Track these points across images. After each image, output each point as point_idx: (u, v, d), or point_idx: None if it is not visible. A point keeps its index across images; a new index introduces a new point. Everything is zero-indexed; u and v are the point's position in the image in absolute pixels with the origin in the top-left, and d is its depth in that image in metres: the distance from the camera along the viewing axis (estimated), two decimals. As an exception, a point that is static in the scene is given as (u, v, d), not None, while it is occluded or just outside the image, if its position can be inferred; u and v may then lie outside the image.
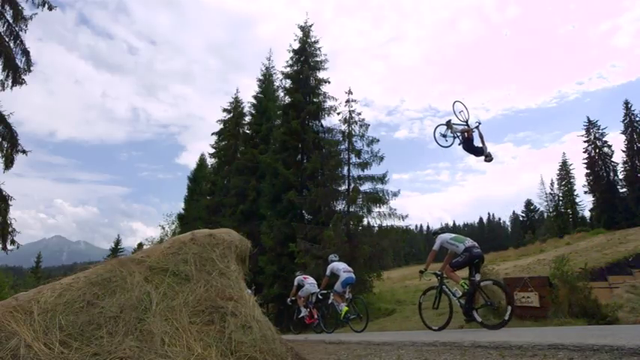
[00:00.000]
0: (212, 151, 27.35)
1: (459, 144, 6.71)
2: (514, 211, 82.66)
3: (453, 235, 5.95)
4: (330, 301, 8.47)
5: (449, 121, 6.74)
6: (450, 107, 6.90)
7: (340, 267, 8.33)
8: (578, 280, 7.89)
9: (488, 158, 6.59)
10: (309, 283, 9.47)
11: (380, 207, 17.33)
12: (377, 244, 16.24)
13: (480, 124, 6.66)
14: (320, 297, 8.94)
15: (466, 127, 6.73)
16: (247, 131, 25.56)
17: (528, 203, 59.52)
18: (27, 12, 13.32)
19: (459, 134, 6.68)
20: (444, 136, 6.73)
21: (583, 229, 38.54)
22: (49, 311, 2.90)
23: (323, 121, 20.30)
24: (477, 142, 6.64)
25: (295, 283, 9.68)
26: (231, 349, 3.03)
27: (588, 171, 44.27)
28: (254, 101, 25.17)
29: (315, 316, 9.13)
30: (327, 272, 8.46)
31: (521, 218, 63.95)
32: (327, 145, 18.92)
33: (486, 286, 5.72)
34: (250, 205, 21.27)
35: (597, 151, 43.81)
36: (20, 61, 13.25)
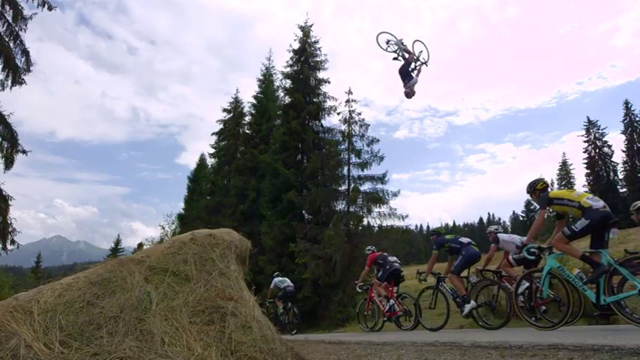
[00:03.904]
0: (212, 151, 27.33)
1: (394, 58, 6.68)
2: (514, 211, 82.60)
3: (281, 278, 11.70)
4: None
5: (402, 40, 6.70)
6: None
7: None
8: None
9: (411, 90, 6.43)
10: None
11: (380, 207, 17.26)
12: (377, 244, 16.22)
13: (427, 65, 6.67)
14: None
15: (413, 53, 6.66)
16: (247, 131, 25.52)
17: (528, 203, 59.23)
18: (27, 12, 13.31)
19: (401, 52, 6.66)
20: (388, 42, 6.69)
21: (583, 229, 38.39)
22: (49, 311, 2.90)
23: (323, 121, 20.24)
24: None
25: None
26: (231, 349, 3.03)
27: (588, 171, 44.21)
28: (254, 101, 25.14)
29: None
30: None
31: (521, 218, 63.80)
32: (327, 145, 18.89)
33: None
34: (250, 205, 21.24)
35: (597, 151, 43.78)
36: (20, 61, 13.23)
